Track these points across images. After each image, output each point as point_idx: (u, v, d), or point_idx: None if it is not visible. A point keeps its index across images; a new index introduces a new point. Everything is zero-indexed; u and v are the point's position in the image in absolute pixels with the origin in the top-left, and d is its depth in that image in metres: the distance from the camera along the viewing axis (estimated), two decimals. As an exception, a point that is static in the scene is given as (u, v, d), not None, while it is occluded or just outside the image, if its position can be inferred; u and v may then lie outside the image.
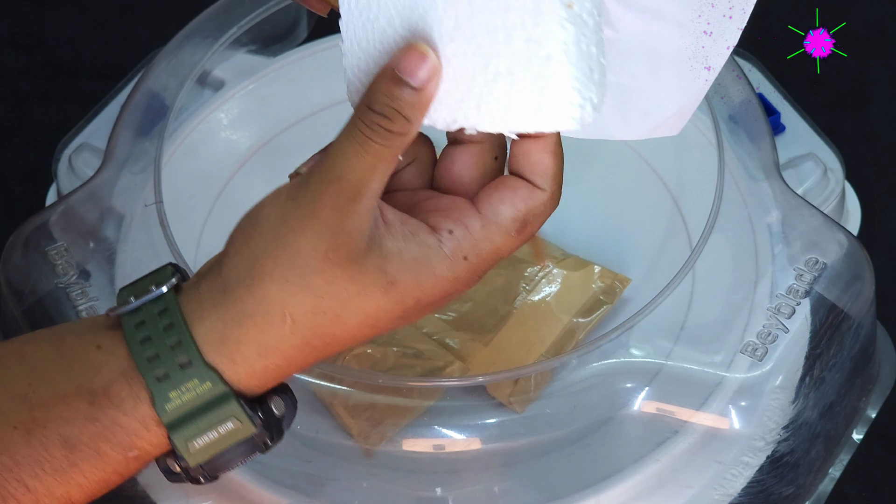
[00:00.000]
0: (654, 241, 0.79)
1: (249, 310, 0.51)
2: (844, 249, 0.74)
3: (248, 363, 0.51)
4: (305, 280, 0.50)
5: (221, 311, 0.51)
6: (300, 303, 0.51)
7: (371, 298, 0.51)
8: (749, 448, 0.70)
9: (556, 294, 0.76)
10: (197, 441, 0.51)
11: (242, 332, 0.51)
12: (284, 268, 0.51)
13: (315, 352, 0.52)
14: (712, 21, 0.54)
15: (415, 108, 0.51)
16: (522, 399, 0.72)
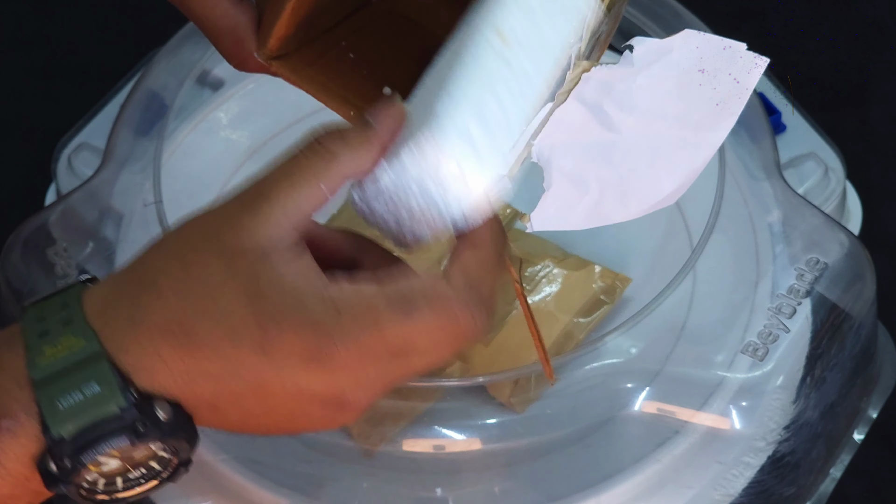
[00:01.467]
0: (655, 240, 0.79)
1: (129, 276, 0.51)
2: (845, 249, 0.74)
3: (122, 331, 0.50)
4: (181, 254, 0.50)
5: (110, 278, 0.52)
6: (171, 275, 0.50)
7: (234, 302, 0.50)
8: (750, 448, 0.70)
9: (556, 294, 0.76)
10: (61, 401, 0.49)
11: (119, 295, 0.50)
12: (170, 241, 0.51)
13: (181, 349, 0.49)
14: (728, 95, 0.57)
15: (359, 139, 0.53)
16: (523, 399, 0.72)
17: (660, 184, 0.57)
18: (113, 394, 0.49)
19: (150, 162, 0.76)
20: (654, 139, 0.56)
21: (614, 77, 0.57)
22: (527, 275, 0.77)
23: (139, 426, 0.49)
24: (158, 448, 0.50)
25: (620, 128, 0.56)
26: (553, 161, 0.57)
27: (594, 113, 0.57)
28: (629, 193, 0.57)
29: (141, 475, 0.51)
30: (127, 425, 0.49)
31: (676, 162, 0.56)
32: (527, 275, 0.77)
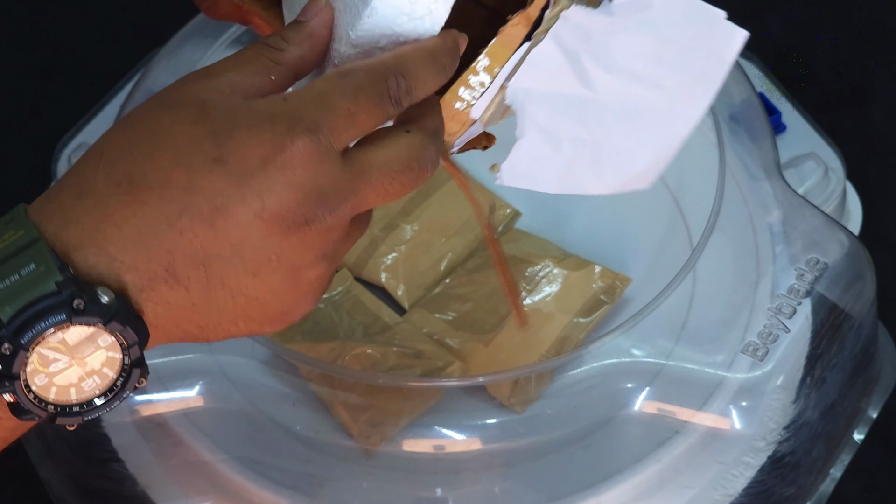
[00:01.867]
0: (655, 240, 0.79)
1: (69, 172, 0.50)
2: (845, 249, 0.74)
3: (63, 210, 0.48)
4: (126, 119, 0.50)
5: (53, 184, 0.51)
6: (115, 139, 0.49)
7: (182, 126, 0.49)
8: (750, 448, 0.70)
9: (556, 294, 0.76)
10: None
11: (64, 178, 0.50)
12: (121, 121, 0.50)
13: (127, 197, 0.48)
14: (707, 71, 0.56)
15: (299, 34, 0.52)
16: (523, 399, 0.72)
17: (634, 157, 0.56)
18: (49, 271, 0.47)
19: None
20: (631, 105, 0.55)
21: (593, 24, 0.55)
22: (527, 275, 0.77)
23: (77, 303, 0.47)
24: (102, 334, 0.48)
25: (596, 86, 0.55)
26: (527, 108, 0.56)
27: (571, 63, 0.55)
28: (603, 161, 0.56)
29: (95, 385, 0.49)
30: (64, 301, 0.47)
31: (652, 134, 0.56)
32: (527, 275, 0.77)
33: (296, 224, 0.49)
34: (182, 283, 0.49)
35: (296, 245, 0.49)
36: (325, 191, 0.49)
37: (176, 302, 0.49)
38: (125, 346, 0.49)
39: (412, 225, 0.81)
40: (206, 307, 0.49)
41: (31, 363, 0.48)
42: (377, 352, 0.73)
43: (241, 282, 0.49)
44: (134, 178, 0.48)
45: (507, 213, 0.82)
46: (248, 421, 0.71)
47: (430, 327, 0.76)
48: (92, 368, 0.49)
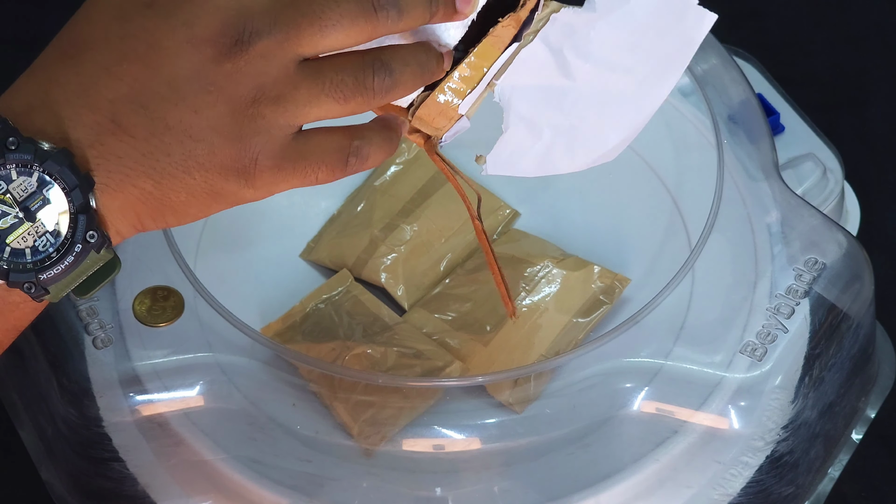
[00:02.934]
0: (654, 241, 0.80)
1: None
2: (844, 249, 0.74)
3: (15, 85, 0.51)
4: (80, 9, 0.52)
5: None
6: (67, 26, 0.52)
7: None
8: (748, 448, 0.71)
9: (555, 294, 0.76)
10: None
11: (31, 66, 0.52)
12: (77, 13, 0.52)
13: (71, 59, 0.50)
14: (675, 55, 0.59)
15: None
16: (522, 399, 0.72)
17: (605, 136, 0.58)
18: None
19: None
20: (604, 91, 0.58)
21: (577, 21, 0.57)
22: (526, 275, 0.77)
23: (10, 142, 0.48)
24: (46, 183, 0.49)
25: (576, 75, 0.57)
26: (513, 103, 0.58)
27: (555, 56, 0.57)
28: (577, 143, 0.58)
29: (49, 245, 0.50)
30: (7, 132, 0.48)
31: (622, 115, 0.58)
32: (526, 275, 0.77)
33: (226, 48, 0.49)
34: (128, 132, 0.49)
35: (230, 73, 0.49)
36: (253, 11, 0.49)
37: (126, 154, 0.49)
38: (67, 190, 0.49)
39: (412, 225, 0.81)
40: (156, 153, 0.49)
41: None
42: (377, 352, 0.73)
43: (183, 120, 0.49)
44: (76, 41, 0.50)
45: (507, 214, 0.82)
46: (248, 421, 0.71)
47: (430, 327, 0.76)
48: (45, 227, 0.49)
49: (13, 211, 0.49)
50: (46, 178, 0.49)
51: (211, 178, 0.50)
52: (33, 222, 0.49)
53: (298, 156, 0.51)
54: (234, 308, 0.69)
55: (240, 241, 0.81)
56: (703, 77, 0.80)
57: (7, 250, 0.49)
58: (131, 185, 0.50)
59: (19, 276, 0.49)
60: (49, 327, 0.73)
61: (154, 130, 0.49)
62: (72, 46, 0.50)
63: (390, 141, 0.54)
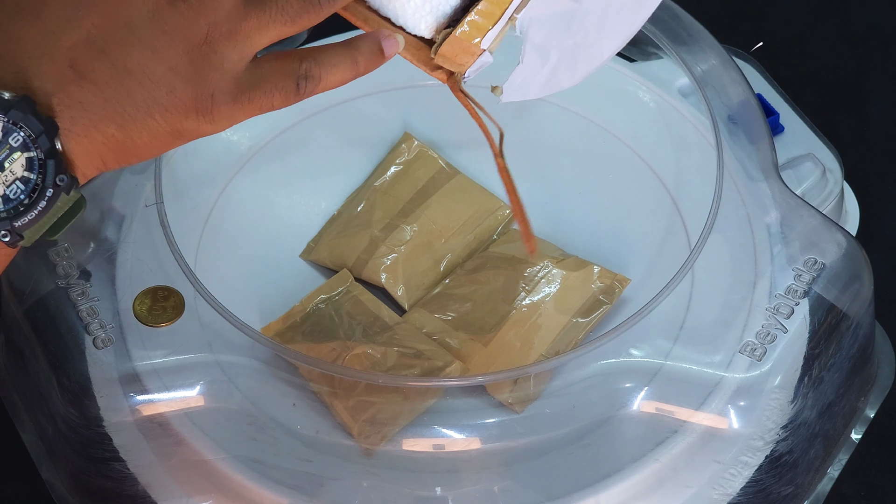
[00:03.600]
0: (654, 241, 0.80)
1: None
2: (843, 250, 0.74)
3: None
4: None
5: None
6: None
7: None
8: (748, 448, 0.71)
9: (555, 294, 0.77)
10: None
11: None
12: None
13: (26, 17, 0.51)
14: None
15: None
16: (522, 399, 0.72)
17: (602, 48, 0.61)
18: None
19: (151, 163, 0.76)
20: (605, 6, 0.59)
21: None
22: (526, 275, 0.77)
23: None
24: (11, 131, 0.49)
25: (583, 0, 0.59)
26: (529, 33, 0.59)
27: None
28: (579, 60, 0.60)
29: (20, 192, 0.51)
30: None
31: (619, 25, 0.60)
32: (526, 275, 0.77)
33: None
34: (89, 78, 0.50)
35: (183, 12, 0.51)
36: None
37: (88, 100, 0.50)
38: (33, 138, 0.50)
39: (412, 226, 0.81)
40: (118, 98, 0.51)
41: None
42: (377, 352, 0.73)
43: (142, 62, 0.51)
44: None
45: (507, 214, 0.82)
46: (248, 420, 0.71)
47: (430, 327, 0.76)
48: (13, 174, 0.50)
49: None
50: (11, 127, 0.50)
51: (172, 118, 0.52)
52: (2, 171, 0.50)
53: (251, 85, 0.53)
54: (234, 308, 0.69)
55: (240, 241, 0.81)
56: (703, 77, 0.80)
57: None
58: (95, 129, 0.51)
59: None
60: (49, 327, 0.73)
61: (115, 74, 0.51)
62: (28, 3, 0.51)
63: (350, 59, 0.55)
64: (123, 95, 0.51)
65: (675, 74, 0.84)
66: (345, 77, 0.55)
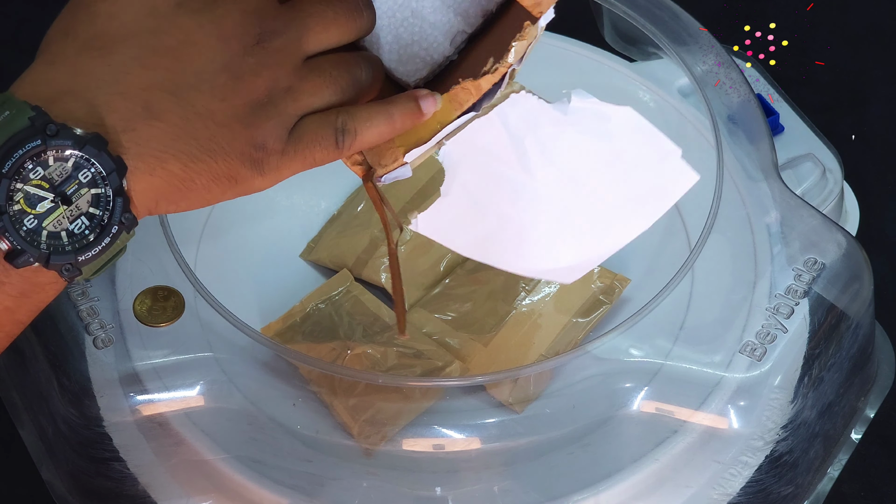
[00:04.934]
0: (654, 241, 0.80)
1: (41, 45, 0.54)
2: (843, 249, 0.74)
3: (37, 74, 0.52)
4: (74, 4, 0.54)
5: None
6: (72, 16, 0.54)
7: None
8: (748, 447, 0.71)
9: (555, 294, 0.77)
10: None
11: (35, 60, 0.54)
12: (70, 7, 0.54)
13: (99, 52, 0.52)
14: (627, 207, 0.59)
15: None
16: (522, 399, 0.72)
17: (558, 253, 0.58)
18: (23, 111, 0.50)
19: (151, 163, 0.76)
20: (567, 204, 0.57)
21: (544, 116, 0.57)
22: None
23: (50, 128, 0.50)
24: (81, 167, 0.50)
25: (536, 174, 0.57)
26: (459, 171, 0.59)
27: (515, 144, 0.58)
28: (527, 246, 0.58)
29: (84, 227, 0.51)
30: (38, 129, 0.50)
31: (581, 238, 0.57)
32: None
33: (249, 44, 0.54)
34: (159, 118, 0.52)
35: (252, 66, 0.53)
36: (271, 14, 0.54)
37: (156, 138, 0.52)
38: (104, 176, 0.51)
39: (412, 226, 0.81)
40: (185, 137, 0.52)
41: (18, 203, 0.50)
42: (377, 352, 0.73)
43: (210, 107, 0.53)
44: (102, 35, 0.53)
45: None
46: (248, 420, 0.71)
47: (430, 327, 0.76)
48: (79, 209, 0.51)
49: (49, 196, 0.51)
50: (83, 162, 0.51)
51: (231, 162, 0.54)
52: (69, 206, 0.51)
53: (296, 138, 0.55)
54: (234, 308, 0.69)
55: (240, 241, 0.81)
56: (702, 77, 0.80)
57: (44, 234, 0.51)
58: (160, 167, 0.52)
59: (59, 258, 0.51)
60: (49, 327, 0.73)
61: (184, 116, 0.52)
62: (97, 40, 0.52)
63: (386, 116, 0.57)
64: (190, 135, 0.53)
65: (675, 74, 0.84)
66: (381, 133, 0.57)
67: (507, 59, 0.56)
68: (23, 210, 0.50)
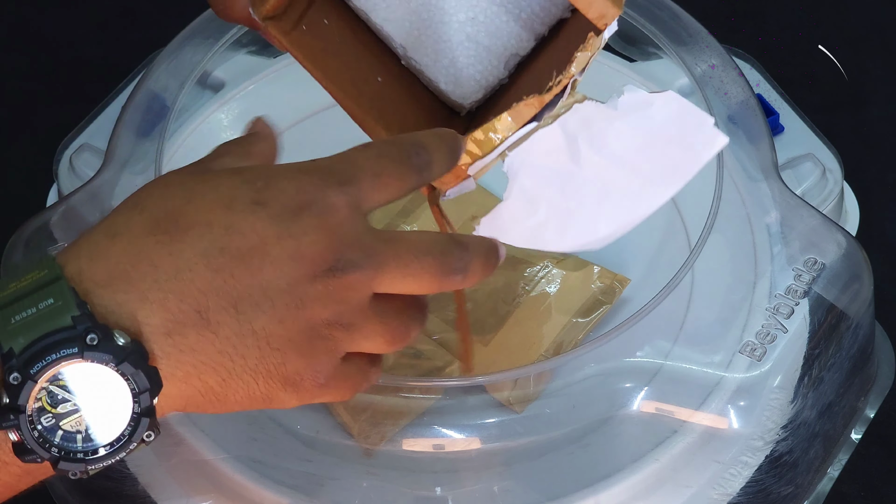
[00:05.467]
0: (653, 241, 0.80)
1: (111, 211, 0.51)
2: (843, 250, 0.74)
3: (94, 244, 0.49)
4: (159, 178, 0.51)
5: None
6: (149, 189, 0.51)
7: (221, 177, 0.50)
8: (748, 448, 0.71)
9: (555, 294, 0.77)
10: (15, 317, 0.47)
11: (97, 224, 0.50)
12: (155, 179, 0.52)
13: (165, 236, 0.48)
14: (681, 168, 0.61)
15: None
16: (522, 399, 0.72)
17: (597, 225, 0.60)
18: (67, 306, 0.47)
19: (151, 163, 0.76)
20: (607, 184, 0.60)
21: (597, 115, 0.60)
22: (526, 275, 0.77)
23: (91, 338, 0.47)
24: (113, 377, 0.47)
25: (584, 164, 0.60)
26: (518, 177, 0.60)
27: (569, 143, 0.60)
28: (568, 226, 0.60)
29: (102, 434, 0.48)
30: (78, 335, 0.47)
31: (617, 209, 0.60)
32: (526, 275, 0.77)
33: (322, 270, 0.49)
34: (212, 328, 0.48)
35: (320, 294, 0.50)
36: (353, 242, 0.50)
37: (202, 349, 0.49)
38: (136, 392, 0.48)
39: (412, 225, 0.81)
40: (232, 354, 0.49)
41: (39, 400, 0.47)
42: (377, 352, 0.73)
43: (267, 328, 0.49)
44: (173, 217, 0.49)
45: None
46: (248, 420, 0.71)
47: (430, 327, 0.76)
48: (100, 416, 0.48)
49: (74, 399, 0.48)
50: (117, 377, 0.48)
51: (272, 385, 0.50)
52: (92, 415, 0.48)
53: (339, 377, 0.52)
54: (234, 308, 0.69)
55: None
56: (702, 77, 0.80)
57: (59, 433, 0.48)
58: (197, 377, 0.49)
59: (69, 465, 0.49)
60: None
61: (238, 332, 0.49)
62: (168, 222, 0.49)
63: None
64: (238, 353, 0.49)
65: (675, 74, 0.84)
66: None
67: (569, 69, 0.58)
68: (42, 408, 0.47)
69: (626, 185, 0.60)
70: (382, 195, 0.53)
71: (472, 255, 0.54)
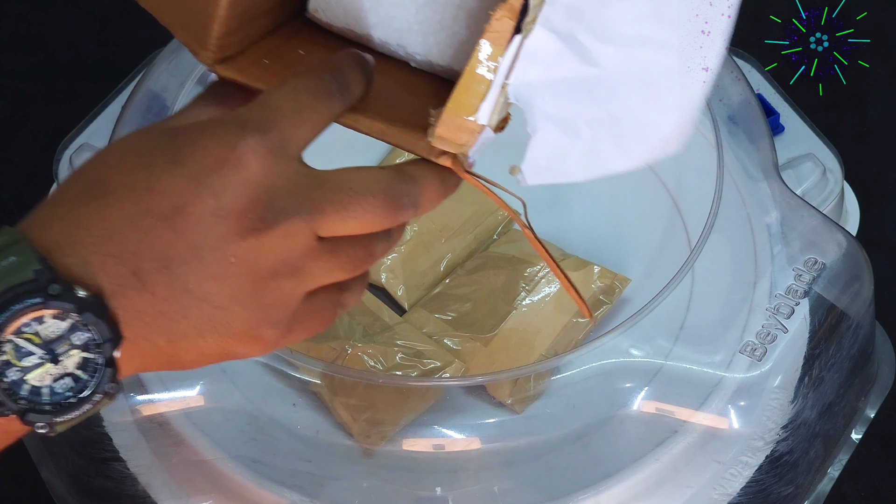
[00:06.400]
0: (654, 241, 0.80)
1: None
2: (843, 249, 0.74)
3: (43, 215, 0.49)
4: (117, 141, 0.51)
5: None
6: (93, 157, 0.51)
7: (147, 138, 0.50)
8: (748, 448, 0.71)
9: (555, 294, 0.77)
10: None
11: (50, 196, 0.51)
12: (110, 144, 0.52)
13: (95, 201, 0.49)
14: (710, 20, 0.53)
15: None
16: (522, 399, 0.72)
17: (656, 123, 0.53)
18: (28, 261, 0.48)
19: (151, 163, 0.76)
20: (641, 71, 0.52)
21: (583, 2, 0.52)
22: (526, 275, 0.77)
23: (53, 288, 0.48)
24: (76, 329, 0.48)
25: (600, 61, 0.52)
26: (534, 101, 0.53)
27: (568, 44, 0.52)
28: (626, 136, 0.53)
29: (68, 388, 0.49)
30: (41, 286, 0.48)
31: (670, 95, 0.52)
32: (526, 275, 0.77)
33: (251, 223, 0.49)
34: (149, 289, 0.49)
35: (253, 247, 0.49)
36: (280, 192, 0.49)
37: (145, 310, 0.49)
38: (98, 343, 0.49)
39: (412, 225, 0.81)
40: (173, 314, 0.49)
41: (5, 353, 0.48)
42: (377, 352, 0.73)
43: (203, 286, 0.49)
44: (101, 182, 0.49)
45: (506, 214, 0.82)
46: (248, 420, 0.71)
47: (430, 327, 0.76)
48: (66, 370, 0.49)
49: (39, 352, 0.49)
50: (79, 326, 0.48)
51: (224, 342, 0.50)
52: (55, 364, 0.49)
53: (303, 317, 0.52)
54: (234, 308, 0.69)
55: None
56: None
57: (25, 387, 0.49)
58: (145, 340, 0.49)
59: (36, 416, 0.49)
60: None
61: (174, 291, 0.49)
62: (96, 187, 0.49)
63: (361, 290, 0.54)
64: (179, 313, 0.49)
65: (675, 74, 0.84)
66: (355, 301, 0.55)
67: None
68: (9, 361, 0.48)
69: (664, 66, 0.52)
70: (308, 131, 0.52)
71: (422, 184, 0.53)
